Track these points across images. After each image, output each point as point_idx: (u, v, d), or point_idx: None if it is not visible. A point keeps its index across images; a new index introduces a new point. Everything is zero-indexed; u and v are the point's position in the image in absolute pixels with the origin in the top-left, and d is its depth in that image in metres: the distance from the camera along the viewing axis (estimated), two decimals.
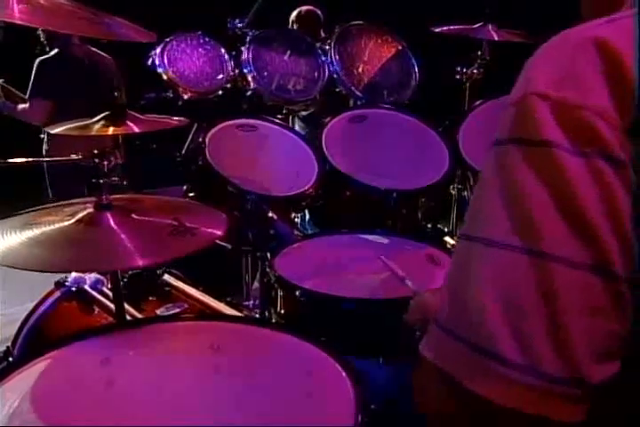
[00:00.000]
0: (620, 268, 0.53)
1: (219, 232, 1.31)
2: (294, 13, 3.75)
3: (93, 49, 3.45)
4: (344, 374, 1.12)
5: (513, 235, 0.55)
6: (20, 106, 3.27)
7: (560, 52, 0.59)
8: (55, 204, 1.41)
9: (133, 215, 1.33)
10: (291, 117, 3.33)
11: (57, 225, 1.25)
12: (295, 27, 3.69)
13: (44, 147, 3.34)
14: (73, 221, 1.28)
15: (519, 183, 0.56)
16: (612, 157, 0.53)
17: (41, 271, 1.10)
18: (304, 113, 3.29)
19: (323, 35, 3.46)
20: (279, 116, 2.83)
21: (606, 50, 0.55)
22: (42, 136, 3.34)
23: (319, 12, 3.77)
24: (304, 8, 3.75)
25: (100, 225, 1.28)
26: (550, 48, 0.60)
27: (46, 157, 3.25)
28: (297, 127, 3.38)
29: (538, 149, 0.55)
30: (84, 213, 1.31)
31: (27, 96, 3.26)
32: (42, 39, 3.35)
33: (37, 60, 3.27)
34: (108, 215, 1.30)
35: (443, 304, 0.61)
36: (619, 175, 0.53)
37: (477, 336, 0.56)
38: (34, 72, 3.24)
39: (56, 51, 3.31)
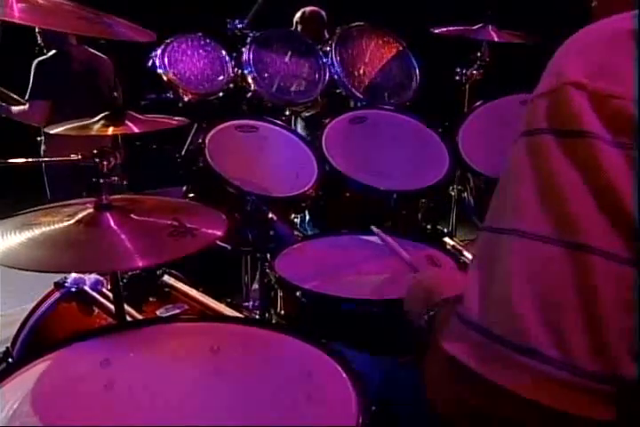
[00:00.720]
0: None
1: (219, 233, 1.31)
2: (298, 14, 3.75)
3: (91, 50, 3.46)
4: (344, 375, 1.12)
5: (548, 227, 0.54)
6: (18, 107, 3.27)
7: (594, 43, 0.58)
8: (55, 204, 1.41)
9: (133, 216, 1.32)
10: (293, 119, 3.34)
11: (57, 225, 1.25)
12: (299, 28, 3.69)
13: (42, 148, 3.34)
14: (73, 221, 1.28)
15: (555, 174, 0.54)
16: None
17: (40, 272, 1.10)
18: (306, 114, 3.29)
19: (327, 35, 3.47)
20: (283, 118, 2.84)
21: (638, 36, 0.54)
22: (39, 138, 3.34)
23: (323, 13, 3.78)
24: (308, 9, 3.76)
25: (100, 225, 1.28)
26: (583, 39, 0.59)
27: (44, 158, 3.26)
28: (299, 128, 3.38)
29: (575, 140, 0.54)
30: (84, 213, 1.30)
31: (26, 97, 3.27)
32: (39, 40, 3.35)
33: (35, 61, 3.28)
34: (108, 216, 1.30)
35: (468, 299, 0.60)
36: None
37: (510, 331, 0.55)
38: (32, 73, 3.25)
39: (54, 52, 3.31)
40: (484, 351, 0.56)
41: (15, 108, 3.27)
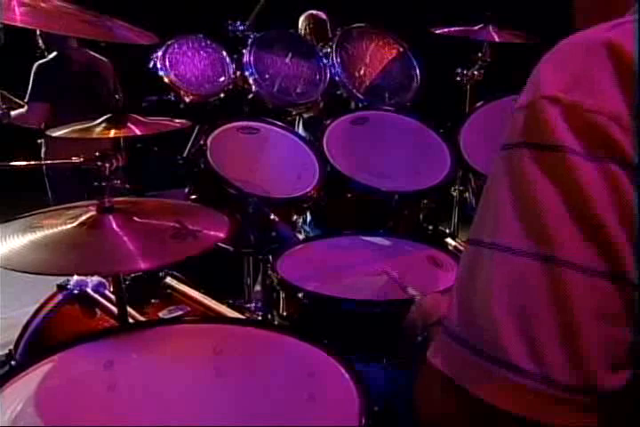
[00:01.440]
0: (632, 274, 0.52)
1: (221, 234, 1.31)
2: (303, 18, 3.77)
3: (91, 52, 3.46)
4: (347, 375, 1.12)
5: (524, 240, 0.54)
6: (17, 111, 3.27)
7: (570, 56, 0.58)
8: (57, 207, 1.41)
9: (135, 218, 1.33)
10: (297, 121, 3.34)
11: (59, 228, 1.26)
12: (308, 30, 3.70)
13: (42, 150, 3.35)
14: (75, 224, 1.28)
15: (531, 188, 0.55)
16: (626, 160, 0.52)
17: (43, 274, 1.10)
18: (305, 115, 3.29)
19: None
20: (288, 119, 2.84)
21: (618, 53, 0.54)
22: (39, 141, 3.35)
23: (322, 14, 3.79)
24: (313, 12, 3.77)
25: (103, 228, 1.28)
26: (560, 51, 0.59)
27: (44, 161, 3.26)
28: (301, 130, 3.38)
29: (550, 154, 0.54)
30: (87, 216, 1.31)
31: (25, 99, 3.27)
32: (39, 43, 3.36)
33: (36, 64, 3.28)
34: (111, 218, 1.30)
35: (451, 311, 0.60)
36: (632, 180, 0.52)
37: (488, 344, 0.55)
38: (32, 76, 3.26)
39: (54, 54, 3.32)
40: (466, 363, 0.57)
41: (14, 113, 3.27)
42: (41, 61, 3.31)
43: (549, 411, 0.54)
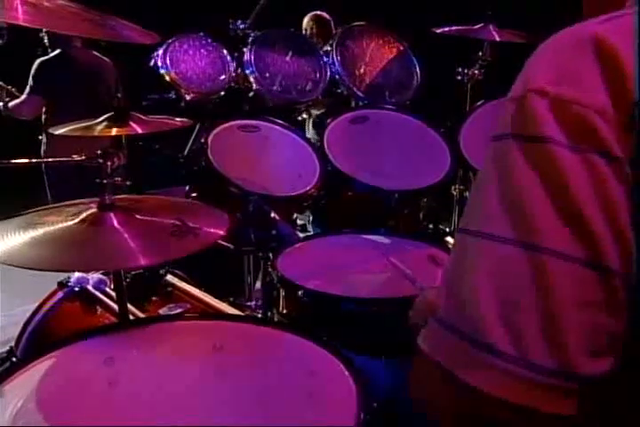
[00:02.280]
0: (614, 262, 0.53)
1: (221, 232, 1.32)
2: (308, 18, 3.77)
3: (94, 53, 3.46)
4: (346, 373, 1.13)
5: (507, 228, 0.56)
6: (14, 101, 3.28)
7: (558, 50, 0.59)
8: (58, 204, 1.42)
9: (136, 215, 1.33)
10: (307, 121, 3.35)
11: (60, 225, 1.26)
12: (313, 31, 3.71)
13: (42, 148, 3.35)
14: (76, 221, 1.29)
15: (515, 177, 0.56)
16: (609, 153, 0.53)
17: (44, 270, 1.11)
18: (317, 112, 3.29)
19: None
20: (299, 119, 2.85)
21: (603, 47, 0.55)
22: (40, 138, 3.35)
23: (324, 14, 3.80)
24: (318, 13, 3.78)
25: (104, 225, 1.28)
26: (549, 46, 0.61)
27: (44, 158, 3.27)
28: (311, 130, 3.39)
29: (535, 145, 0.56)
30: (88, 213, 1.31)
31: (24, 95, 3.28)
32: (45, 41, 3.37)
33: (37, 61, 3.29)
34: (112, 215, 1.31)
35: (440, 297, 0.62)
36: (614, 171, 0.53)
37: (471, 327, 0.57)
38: (32, 72, 3.26)
39: (56, 52, 3.32)
40: (452, 347, 0.58)
41: (11, 103, 3.29)
42: (43, 58, 3.31)
43: (532, 396, 0.55)
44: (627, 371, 0.56)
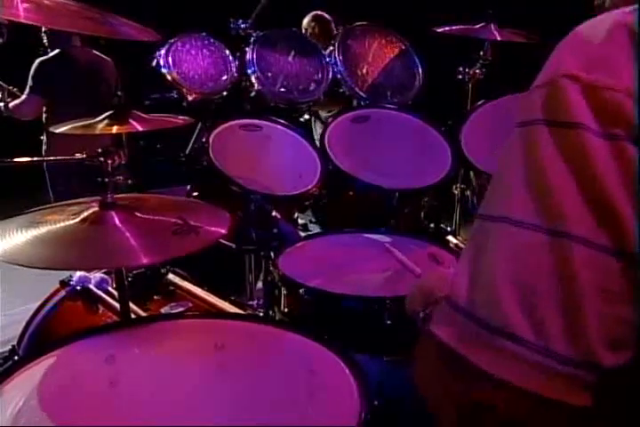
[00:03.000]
0: (637, 251, 0.53)
1: (222, 231, 1.32)
2: (308, 19, 3.78)
3: (94, 51, 3.47)
4: (347, 371, 1.13)
5: (533, 214, 0.55)
6: (14, 102, 3.29)
7: (591, 36, 0.59)
8: (60, 203, 1.42)
9: (138, 214, 1.33)
10: (313, 121, 3.35)
11: (62, 224, 1.26)
12: (313, 31, 3.71)
13: (44, 148, 3.36)
14: (78, 219, 1.29)
15: (544, 163, 0.56)
16: None
17: (46, 269, 1.11)
18: (325, 114, 3.29)
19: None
20: (305, 117, 2.85)
21: (635, 33, 0.55)
22: (42, 137, 3.36)
23: (325, 14, 3.80)
24: (318, 13, 3.78)
25: (105, 224, 1.29)
26: (581, 32, 0.60)
27: (46, 157, 3.28)
28: (318, 130, 3.38)
29: (566, 131, 0.55)
30: (90, 211, 1.32)
31: (23, 96, 3.29)
32: (44, 40, 3.37)
33: (37, 60, 3.30)
34: (113, 214, 1.31)
35: (459, 284, 0.61)
36: None
37: (492, 314, 0.56)
38: (32, 72, 3.27)
39: (56, 52, 3.33)
40: (468, 334, 0.58)
41: (12, 103, 3.30)
42: (42, 58, 3.32)
43: (547, 383, 0.54)
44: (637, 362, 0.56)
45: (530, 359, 0.54)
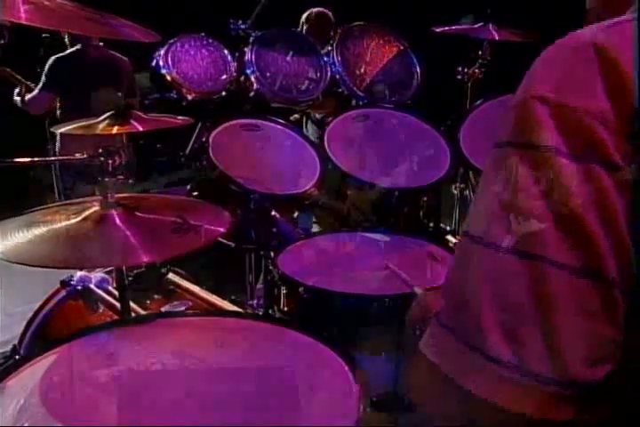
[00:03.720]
0: (613, 272, 0.53)
1: (222, 229, 1.32)
2: (305, 15, 3.77)
3: (111, 51, 3.48)
4: (346, 368, 1.14)
5: (507, 236, 0.56)
6: (29, 95, 3.32)
7: (560, 57, 0.59)
8: (62, 202, 1.43)
9: (138, 213, 1.34)
10: (304, 120, 3.35)
11: (64, 223, 1.27)
12: (305, 27, 3.71)
13: (57, 145, 3.38)
14: (79, 219, 1.30)
15: (516, 185, 0.56)
16: (609, 161, 0.53)
17: (47, 267, 1.12)
18: (317, 116, 3.29)
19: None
20: (295, 116, 2.84)
21: (605, 55, 0.55)
22: (55, 135, 3.38)
23: (330, 14, 3.79)
24: (315, 10, 3.77)
25: (106, 223, 1.29)
26: (551, 52, 0.60)
27: (59, 155, 3.30)
28: (310, 130, 3.39)
29: (536, 153, 0.55)
30: (91, 211, 1.32)
31: (36, 91, 3.32)
32: (65, 40, 3.40)
33: (52, 58, 3.32)
34: (114, 213, 1.32)
35: (442, 301, 0.62)
36: (615, 180, 0.53)
37: (472, 334, 0.57)
38: (46, 69, 3.29)
39: (72, 50, 3.36)
40: (452, 352, 0.58)
41: (27, 96, 3.33)
42: (58, 55, 3.35)
43: (528, 402, 0.55)
44: (622, 374, 0.56)
45: (511, 379, 0.54)
